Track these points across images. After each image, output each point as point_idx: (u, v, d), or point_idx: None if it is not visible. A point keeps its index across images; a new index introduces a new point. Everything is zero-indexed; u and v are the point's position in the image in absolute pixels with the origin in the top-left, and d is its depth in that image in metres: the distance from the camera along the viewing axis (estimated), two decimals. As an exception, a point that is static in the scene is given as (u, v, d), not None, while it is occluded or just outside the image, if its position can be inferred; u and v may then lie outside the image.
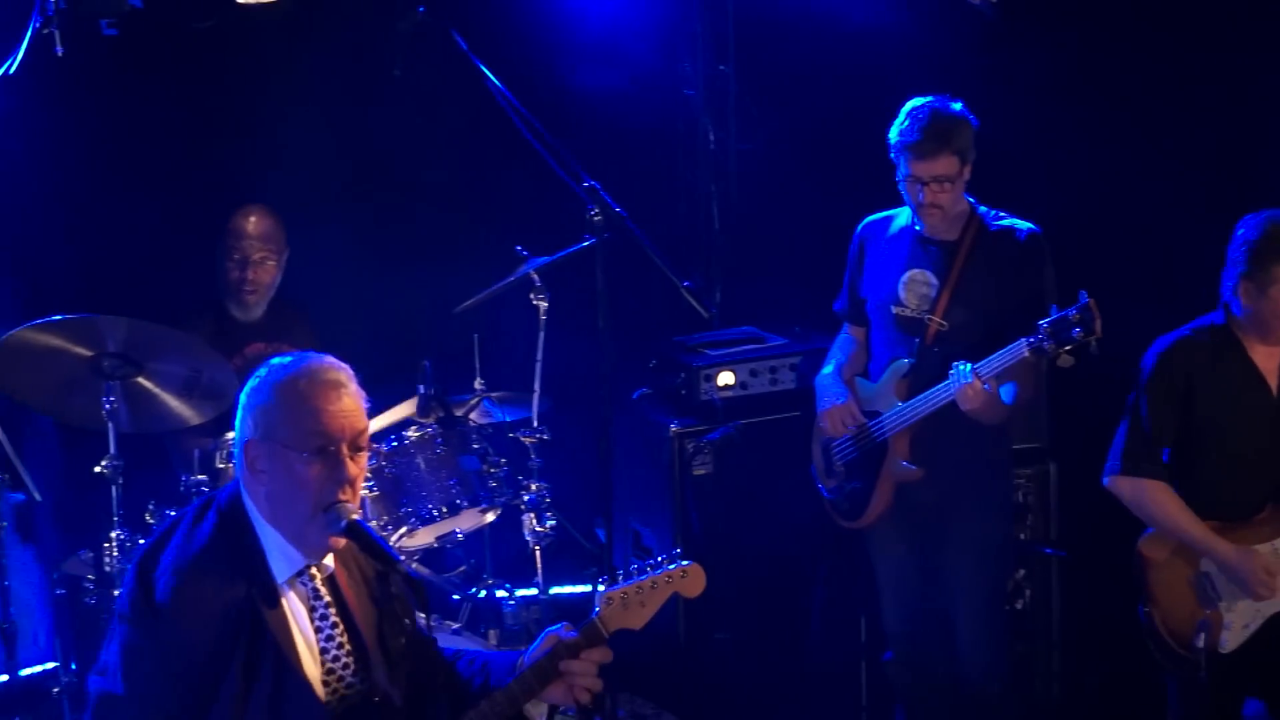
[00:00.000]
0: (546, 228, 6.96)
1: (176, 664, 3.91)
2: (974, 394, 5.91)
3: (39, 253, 7.58)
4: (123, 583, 4.09)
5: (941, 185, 6.00)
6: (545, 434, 6.81)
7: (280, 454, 4.02)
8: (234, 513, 4.11)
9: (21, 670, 6.81)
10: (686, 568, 4.43)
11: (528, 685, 4.25)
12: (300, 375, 4.07)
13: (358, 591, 4.25)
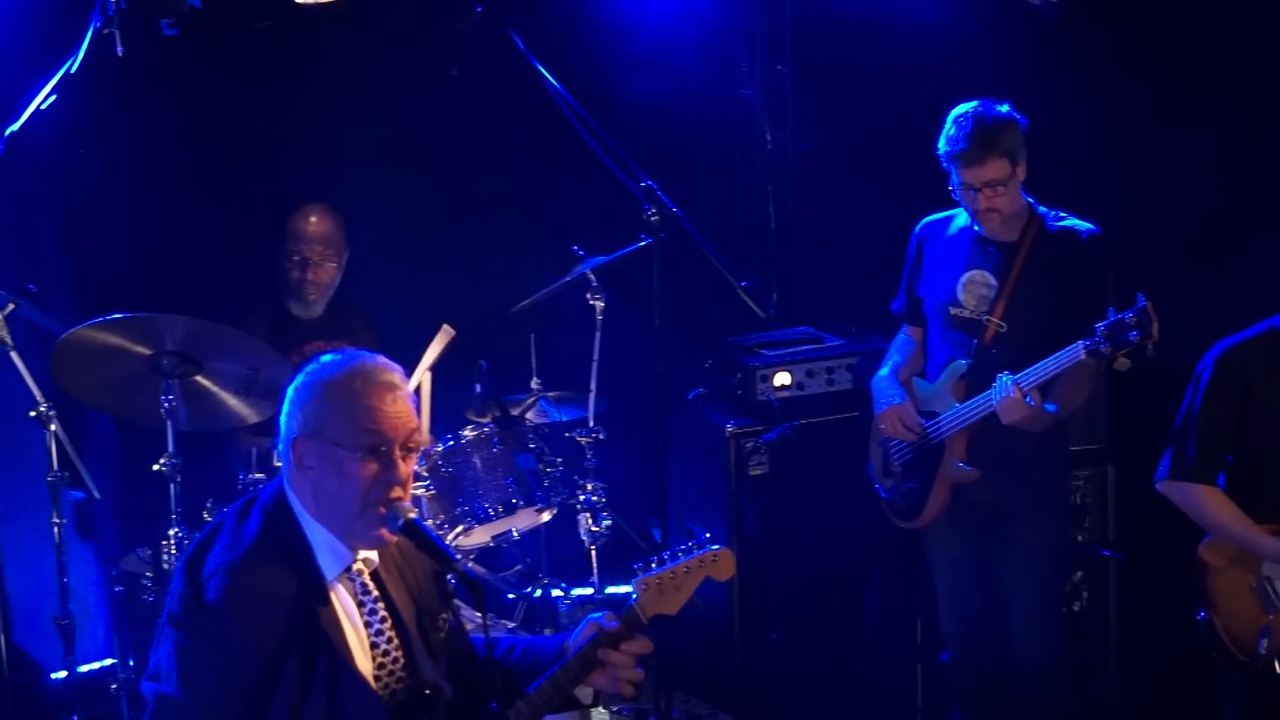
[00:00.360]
0: (603, 228, 6.97)
1: (233, 664, 3.92)
2: (1015, 406, 5.89)
3: (98, 251, 7.62)
4: (170, 587, 4.08)
5: (994, 189, 5.97)
6: (601, 434, 6.81)
7: (330, 452, 4.02)
8: (279, 510, 4.11)
9: (80, 667, 6.83)
10: (717, 552, 4.46)
11: (573, 673, 4.27)
12: (354, 374, 4.07)
13: (397, 586, 4.26)
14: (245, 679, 3.92)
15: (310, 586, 4.04)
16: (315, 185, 7.62)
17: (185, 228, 7.66)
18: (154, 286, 7.33)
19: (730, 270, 6.24)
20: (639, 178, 6.17)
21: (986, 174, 5.95)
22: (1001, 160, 5.94)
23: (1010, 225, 6.11)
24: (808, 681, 7.14)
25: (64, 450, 6.38)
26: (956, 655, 6.55)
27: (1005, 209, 6.03)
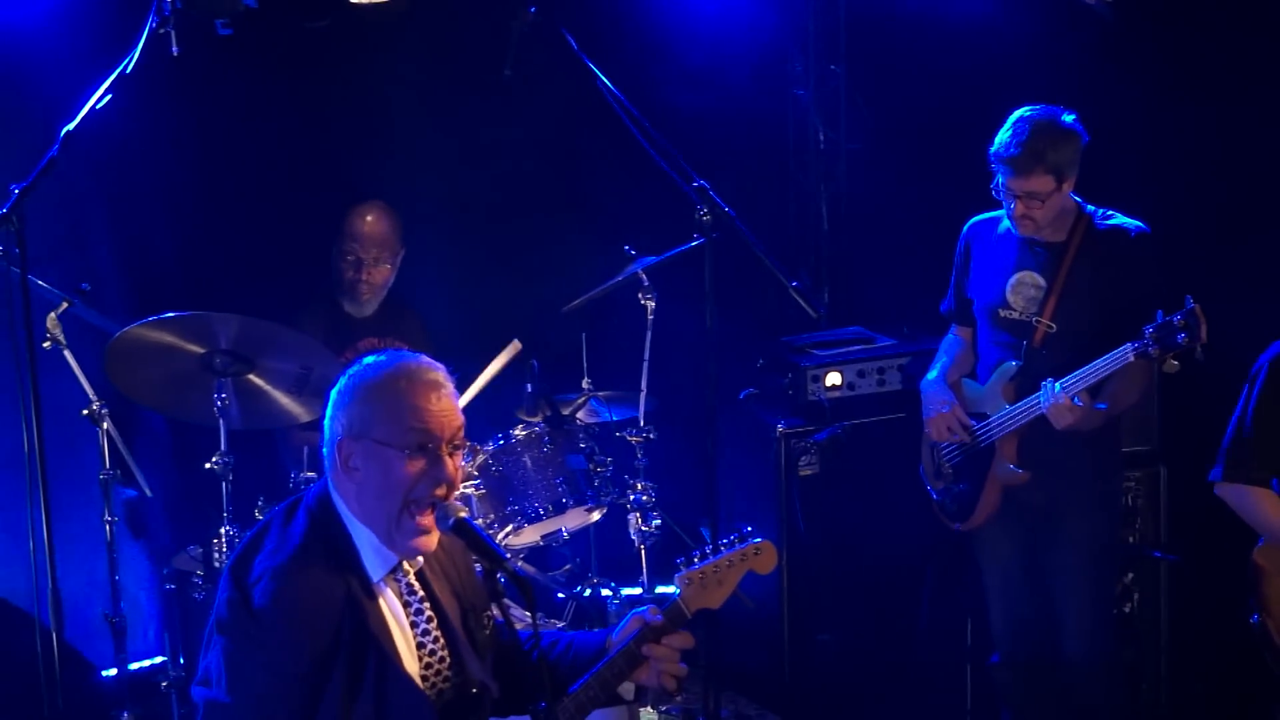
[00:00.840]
0: (655, 227, 6.96)
1: (281, 668, 3.93)
2: (1064, 411, 5.86)
3: (152, 250, 7.66)
4: (217, 592, 4.09)
5: (1031, 202, 5.94)
6: (652, 433, 6.81)
7: (377, 452, 4.03)
8: (324, 513, 4.12)
9: (131, 664, 6.86)
10: (759, 544, 4.45)
11: (618, 669, 4.27)
12: (398, 374, 4.08)
13: (442, 586, 4.26)
14: (294, 683, 3.93)
15: (357, 588, 4.04)
16: (368, 184, 7.64)
17: (239, 226, 7.68)
18: (207, 285, 7.36)
19: (782, 270, 6.21)
20: (691, 177, 6.15)
21: (1029, 185, 5.92)
22: (1047, 176, 5.89)
23: (1058, 225, 6.08)
24: (856, 683, 7.12)
25: (116, 448, 6.41)
26: (1006, 657, 6.53)
27: (1041, 220, 6.00)
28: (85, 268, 7.31)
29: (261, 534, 4.13)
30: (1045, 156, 5.87)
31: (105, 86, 5.82)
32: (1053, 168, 5.89)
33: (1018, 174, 5.91)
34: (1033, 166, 5.88)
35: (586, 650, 4.36)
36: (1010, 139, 5.92)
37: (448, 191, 8.21)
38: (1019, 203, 5.95)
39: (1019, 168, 5.90)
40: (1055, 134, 5.91)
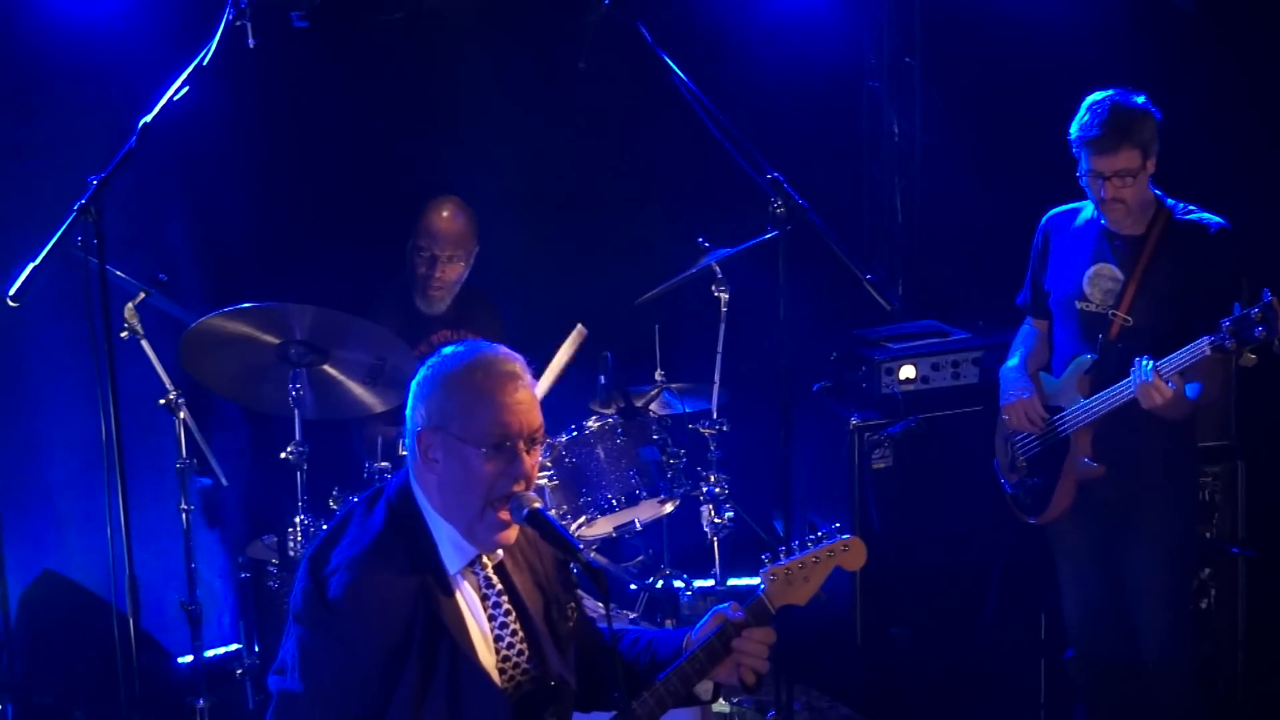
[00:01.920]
0: (729, 219, 6.96)
1: (354, 660, 3.94)
2: (1155, 392, 5.81)
3: (228, 241, 7.71)
4: (295, 581, 4.11)
5: (1123, 180, 5.89)
6: (725, 426, 6.80)
7: (455, 446, 4.02)
8: (404, 504, 4.12)
9: (206, 651, 6.91)
10: (848, 541, 4.43)
11: (698, 664, 4.24)
12: (476, 367, 4.06)
13: (524, 578, 4.26)
14: (367, 675, 3.94)
15: (433, 581, 4.04)
16: (442, 176, 7.66)
17: (314, 218, 7.73)
18: (282, 276, 7.40)
19: (856, 262, 6.19)
20: (765, 169, 6.14)
21: (1118, 163, 5.87)
22: (1133, 151, 5.85)
23: (1137, 218, 6.03)
24: (928, 676, 7.10)
25: (192, 437, 6.45)
26: (1081, 652, 6.49)
27: (1132, 201, 5.95)
28: (162, 258, 7.37)
29: (342, 525, 4.15)
30: (1129, 132, 5.83)
31: (182, 79, 5.85)
32: (1138, 143, 5.84)
33: (1104, 152, 5.86)
34: (1119, 143, 5.83)
35: (664, 649, 4.35)
36: (1090, 120, 5.88)
37: (521, 184, 8.22)
38: (1109, 184, 5.90)
39: (1105, 146, 5.85)
40: (1134, 111, 5.88)
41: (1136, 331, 6.01)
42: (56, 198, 6.04)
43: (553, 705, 4.19)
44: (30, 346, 7.29)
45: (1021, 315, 6.57)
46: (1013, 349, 6.52)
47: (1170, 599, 6.24)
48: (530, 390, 4.09)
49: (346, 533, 4.10)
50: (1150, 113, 5.91)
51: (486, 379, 4.04)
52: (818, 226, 6.13)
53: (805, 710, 7.37)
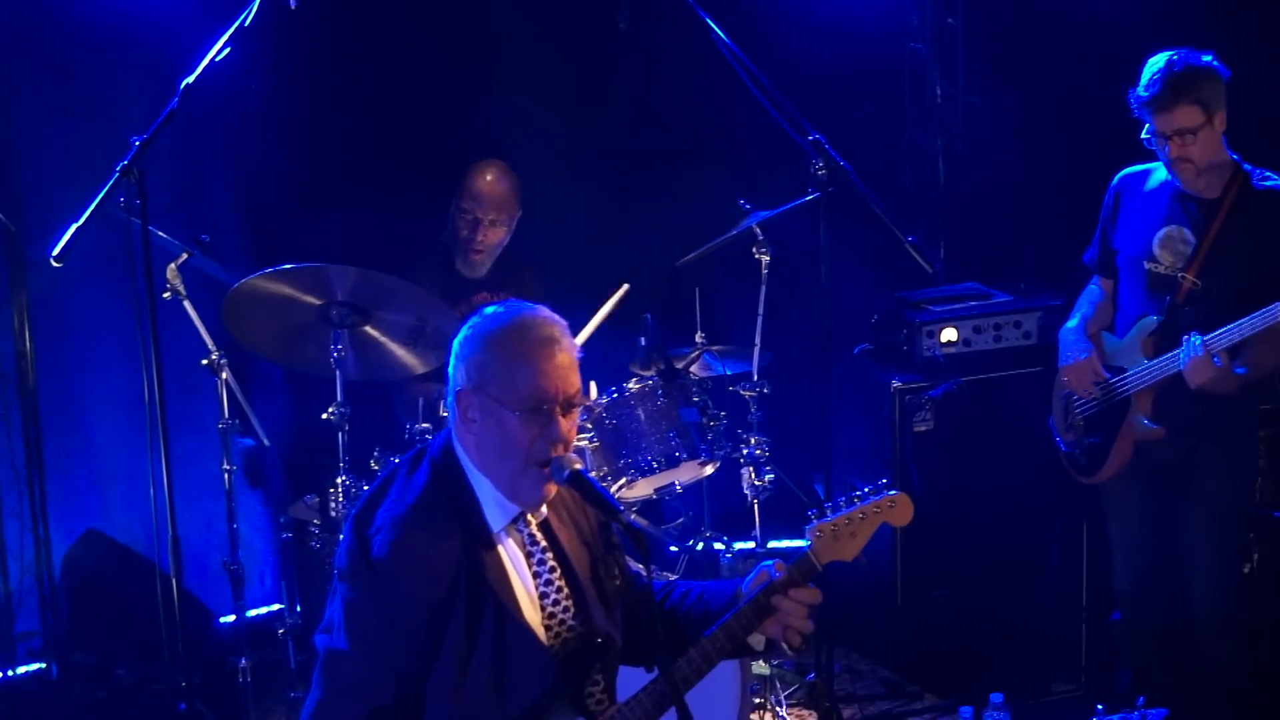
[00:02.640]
0: (770, 181, 6.95)
1: (398, 619, 3.96)
2: (1202, 367, 5.78)
3: (270, 202, 7.73)
4: (340, 541, 4.13)
5: (1184, 138, 5.83)
6: (765, 388, 6.79)
7: (492, 408, 4.03)
8: (447, 463, 4.14)
9: (248, 611, 6.95)
10: (894, 497, 4.40)
11: (746, 621, 4.23)
12: (516, 329, 4.07)
13: (570, 535, 4.27)
14: (411, 633, 3.96)
15: (476, 539, 4.06)
16: (484, 139, 7.66)
17: (355, 179, 7.74)
18: (323, 237, 7.41)
19: (898, 224, 6.17)
20: (807, 131, 6.13)
21: (1177, 121, 5.82)
22: (1192, 107, 5.79)
23: (1211, 181, 5.97)
24: (969, 639, 7.09)
25: (234, 398, 6.48)
26: (1129, 615, 6.47)
27: (1199, 159, 5.88)
28: (204, 219, 7.41)
29: (386, 484, 4.16)
30: (1186, 89, 5.77)
31: (224, 40, 5.86)
32: (1197, 100, 5.78)
33: (1162, 110, 5.81)
34: (1176, 100, 5.78)
35: (717, 601, 4.34)
36: (1148, 79, 5.83)
37: (561, 145, 8.21)
38: (1171, 143, 5.85)
39: (1162, 103, 5.80)
40: (1194, 68, 5.81)
41: (1204, 295, 5.96)
42: (99, 158, 6.07)
43: (598, 661, 4.20)
44: (73, 307, 7.33)
45: (1066, 279, 6.53)
46: (1074, 309, 6.47)
47: (1222, 563, 6.21)
48: (570, 354, 4.09)
49: (390, 492, 4.12)
50: (1214, 70, 5.83)
51: (525, 341, 4.04)
52: (859, 188, 6.12)
53: (845, 673, 7.37)
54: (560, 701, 4.12)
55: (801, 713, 6.97)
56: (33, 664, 7.36)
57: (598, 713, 4.18)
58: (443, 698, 4.01)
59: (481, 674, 4.02)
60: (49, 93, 7.28)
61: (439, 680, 4.01)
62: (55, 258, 5.77)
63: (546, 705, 4.10)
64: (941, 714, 7.03)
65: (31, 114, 7.23)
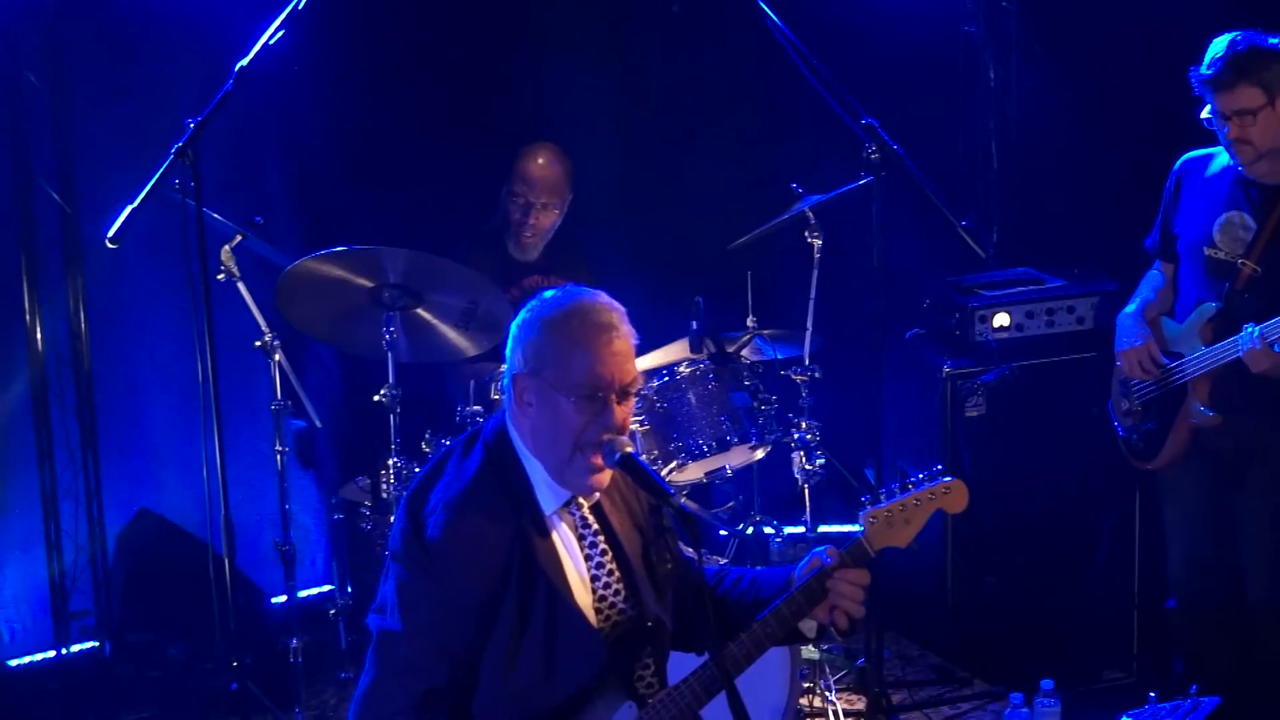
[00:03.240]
0: (822, 165, 6.92)
1: (450, 600, 3.97)
2: (1261, 357, 5.74)
3: (323, 184, 7.74)
4: (394, 521, 4.15)
5: (1244, 119, 5.78)
6: (816, 372, 6.77)
7: (548, 393, 4.04)
8: (500, 446, 4.14)
9: (300, 592, 6.99)
10: (949, 484, 4.38)
11: (797, 606, 4.22)
12: (573, 314, 4.06)
13: (622, 519, 4.27)
14: (463, 614, 3.98)
15: (528, 521, 4.07)
16: (535, 122, 7.67)
17: (407, 162, 7.75)
18: (376, 219, 7.43)
19: (951, 209, 6.15)
20: (860, 114, 6.11)
21: (1237, 101, 5.77)
22: (1253, 88, 5.75)
23: (1274, 167, 5.90)
24: (1019, 626, 7.07)
25: (287, 379, 6.50)
26: (1184, 602, 6.43)
27: (1258, 142, 5.83)
28: (258, 201, 7.43)
29: (440, 465, 4.18)
30: (1248, 69, 5.73)
31: (278, 22, 5.88)
32: (1260, 81, 5.74)
33: (1222, 89, 5.77)
34: (1237, 79, 5.74)
35: (769, 586, 4.33)
36: (1211, 58, 5.79)
37: (614, 128, 8.22)
38: (1232, 124, 5.81)
39: (1223, 82, 5.76)
40: (1258, 49, 5.77)
41: (1264, 282, 5.92)
42: (154, 141, 6.11)
43: (649, 645, 4.21)
44: (128, 288, 7.36)
45: (1121, 264, 6.49)
46: (1134, 294, 6.43)
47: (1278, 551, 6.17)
48: (627, 340, 4.08)
49: (444, 473, 4.13)
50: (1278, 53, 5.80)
51: (582, 327, 4.04)
52: (912, 172, 6.10)
53: (895, 658, 7.36)
54: (610, 684, 4.13)
55: (851, 698, 6.96)
56: (86, 643, 7.41)
57: (647, 696, 4.19)
58: (494, 678, 4.03)
59: (532, 655, 4.03)
60: (105, 75, 7.31)
61: (490, 661, 4.02)
62: (110, 239, 5.80)
63: (596, 687, 4.11)
64: (992, 700, 7.01)
65: (88, 97, 7.26)
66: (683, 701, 4.12)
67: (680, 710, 4.13)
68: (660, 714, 4.13)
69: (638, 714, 4.13)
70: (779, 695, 5.97)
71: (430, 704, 3.99)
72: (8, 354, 7.17)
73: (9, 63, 7.08)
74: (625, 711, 4.13)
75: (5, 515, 7.10)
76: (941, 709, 7.01)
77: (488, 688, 4.04)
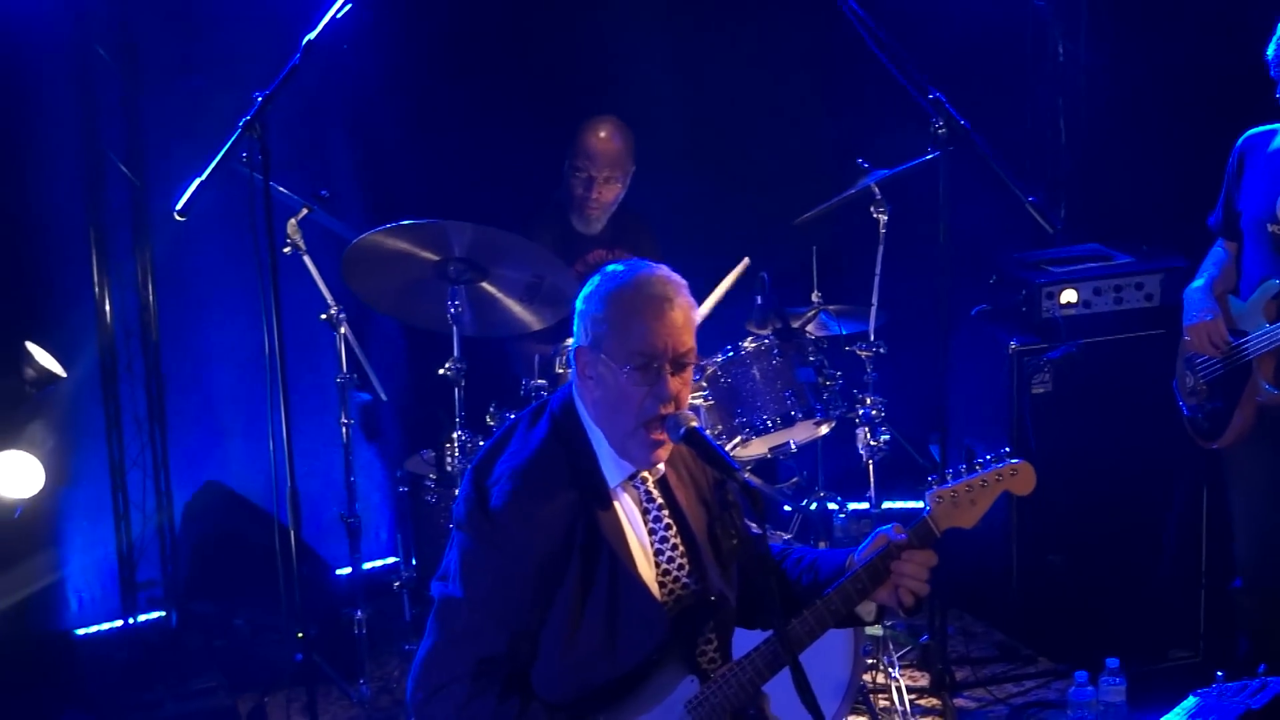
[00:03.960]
0: (889, 140, 6.89)
1: (512, 569, 3.99)
2: None
3: (389, 158, 7.77)
4: (459, 491, 4.16)
5: None
6: (882, 348, 6.75)
7: (607, 365, 4.06)
8: (567, 418, 4.16)
9: (364, 564, 7.02)
10: (1017, 465, 4.34)
11: (860, 585, 4.20)
12: (631, 287, 4.08)
13: (687, 493, 4.27)
14: (525, 583, 3.99)
15: (593, 494, 4.08)
16: (599, 95, 7.67)
17: (473, 136, 7.76)
18: (442, 193, 7.45)
19: (1018, 184, 6.11)
20: (927, 90, 6.08)
21: None
22: None
23: None
24: (1085, 604, 7.04)
25: (353, 352, 6.53)
26: (1250, 582, 6.38)
27: None
28: (325, 174, 7.46)
29: (506, 436, 4.20)
30: None
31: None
32: None
33: None
34: None
35: (828, 568, 4.32)
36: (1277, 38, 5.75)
37: (679, 102, 8.21)
38: None
39: None
40: None
41: (1328, 258, 5.88)
42: (221, 114, 6.13)
43: (712, 620, 4.21)
44: (196, 261, 7.41)
45: (1189, 241, 6.45)
46: (1200, 270, 6.38)
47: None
48: (684, 313, 4.09)
49: (510, 444, 4.15)
50: None
51: (639, 298, 4.06)
52: (980, 147, 6.07)
53: (959, 635, 7.34)
54: (672, 657, 4.13)
55: (914, 674, 6.95)
56: (153, 613, 7.47)
57: (710, 670, 4.19)
58: (554, 649, 4.05)
59: (594, 627, 4.04)
60: (173, 49, 7.35)
61: (551, 632, 4.04)
62: (178, 212, 5.84)
63: (658, 660, 4.12)
64: (1056, 678, 6.99)
65: (155, 70, 7.30)
66: (744, 677, 4.12)
67: (742, 685, 4.12)
68: (722, 689, 4.13)
69: (700, 688, 4.13)
70: (842, 672, 5.97)
71: (487, 672, 4.01)
72: (77, 326, 7.22)
73: (79, 37, 7.13)
74: (687, 685, 4.13)
75: (74, 486, 7.15)
76: (1005, 686, 6.99)
77: (548, 658, 4.06)
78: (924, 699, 6.78)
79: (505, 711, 4.00)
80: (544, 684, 4.09)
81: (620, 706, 4.10)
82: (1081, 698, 6.27)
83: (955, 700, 6.73)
